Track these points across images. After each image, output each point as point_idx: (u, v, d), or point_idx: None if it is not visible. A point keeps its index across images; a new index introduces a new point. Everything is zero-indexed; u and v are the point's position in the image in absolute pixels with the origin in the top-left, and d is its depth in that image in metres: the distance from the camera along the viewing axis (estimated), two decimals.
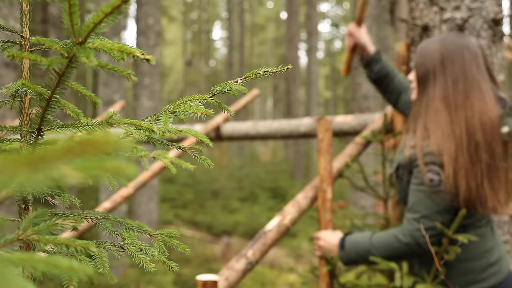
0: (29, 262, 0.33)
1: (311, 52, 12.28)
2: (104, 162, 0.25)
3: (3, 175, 0.24)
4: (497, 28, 1.59)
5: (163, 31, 18.07)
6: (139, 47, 0.62)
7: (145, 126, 0.59)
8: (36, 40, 0.50)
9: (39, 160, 0.24)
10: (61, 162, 0.24)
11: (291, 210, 1.54)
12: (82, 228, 1.80)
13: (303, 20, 15.55)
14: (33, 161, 0.24)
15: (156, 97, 5.33)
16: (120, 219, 0.71)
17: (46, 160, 0.24)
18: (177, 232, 0.69)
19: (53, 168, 0.24)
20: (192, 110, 0.60)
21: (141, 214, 5.27)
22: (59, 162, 0.24)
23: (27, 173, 0.24)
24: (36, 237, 0.47)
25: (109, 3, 0.43)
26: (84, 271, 0.34)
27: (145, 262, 0.63)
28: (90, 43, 0.48)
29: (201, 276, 1.12)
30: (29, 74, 0.63)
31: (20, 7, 0.63)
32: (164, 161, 0.70)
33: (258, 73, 0.62)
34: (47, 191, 0.66)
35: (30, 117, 0.63)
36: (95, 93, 0.61)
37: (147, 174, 2.18)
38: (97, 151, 0.25)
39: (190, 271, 4.95)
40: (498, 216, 1.53)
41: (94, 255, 0.60)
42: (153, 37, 5.35)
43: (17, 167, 0.24)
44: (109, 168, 0.25)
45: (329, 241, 1.41)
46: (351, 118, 2.21)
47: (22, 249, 0.55)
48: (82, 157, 0.25)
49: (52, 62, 0.47)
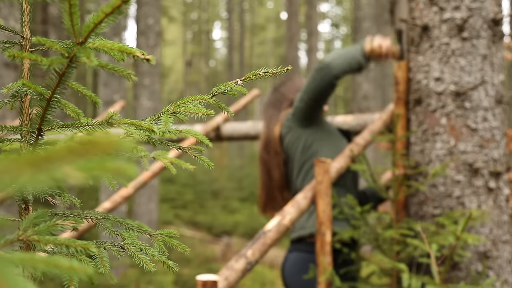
0: (29, 262, 0.33)
1: (311, 52, 12.28)
2: (106, 163, 0.25)
3: (6, 175, 0.24)
4: (497, 28, 1.59)
5: (163, 32, 18.06)
6: (139, 48, 0.62)
7: (146, 126, 0.59)
8: (37, 40, 0.50)
9: (42, 160, 0.24)
10: (63, 162, 0.25)
11: (290, 210, 1.54)
12: (82, 228, 1.80)
13: (303, 20, 15.55)
14: (36, 161, 0.24)
15: (156, 97, 5.33)
16: (120, 219, 0.71)
17: (49, 160, 0.24)
18: (177, 232, 0.69)
19: (56, 168, 0.24)
20: (193, 111, 0.60)
21: (141, 214, 5.27)
22: (61, 163, 0.24)
23: (30, 173, 0.24)
24: (37, 237, 0.47)
25: (109, 3, 0.43)
26: (85, 271, 0.34)
27: (145, 262, 0.63)
28: (91, 43, 0.49)
29: (201, 276, 1.12)
30: (29, 74, 0.63)
31: (20, 8, 0.63)
32: (164, 161, 0.70)
33: (258, 74, 0.62)
34: (48, 191, 0.67)
35: (30, 117, 0.63)
36: (95, 94, 0.61)
37: (147, 174, 2.18)
38: (99, 151, 0.25)
39: (190, 271, 4.95)
40: (498, 216, 1.54)
41: (94, 255, 0.61)
42: (153, 38, 5.35)
43: (20, 167, 0.24)
44: (111, 168, 0.25)
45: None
46: (351, 118, 2.21)
47: (23, 249, 0.55)
48: (84, 158, 0.25)
49: (52, 62, 0.48)
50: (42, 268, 0.34)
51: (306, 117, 1.72)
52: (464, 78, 1.57)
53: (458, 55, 1.58)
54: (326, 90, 1.65)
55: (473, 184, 1.54)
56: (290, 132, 1.77)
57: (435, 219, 1.55)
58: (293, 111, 1.75)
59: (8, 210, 3.07)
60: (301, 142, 1.74)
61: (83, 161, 0.25)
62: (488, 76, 1.57)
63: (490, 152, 1.55)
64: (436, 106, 1.61)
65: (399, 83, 1.73)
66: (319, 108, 1.71)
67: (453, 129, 1.57)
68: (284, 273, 1.72)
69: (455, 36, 1.58)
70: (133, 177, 1.99)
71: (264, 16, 23.85)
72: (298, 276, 1.65)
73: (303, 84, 1.90)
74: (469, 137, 1.56)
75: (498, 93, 1.59)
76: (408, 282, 1.32)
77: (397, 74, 1.73)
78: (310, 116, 1.72)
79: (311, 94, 1.66)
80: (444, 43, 1.60)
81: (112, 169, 0.25)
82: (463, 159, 1.55)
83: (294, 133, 1.75)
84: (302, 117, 1.72)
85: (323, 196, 1.53)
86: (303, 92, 1.69)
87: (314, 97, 1.66)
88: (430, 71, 1.62)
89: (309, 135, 1.74)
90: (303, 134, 1.74)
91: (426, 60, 1.64)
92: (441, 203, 1.58)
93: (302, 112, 1.71)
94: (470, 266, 1.52)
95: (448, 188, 1.57)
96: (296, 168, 1.77)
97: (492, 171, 1.54)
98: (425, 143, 1.63)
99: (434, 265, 1.28)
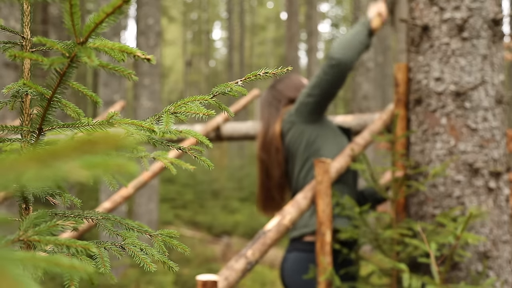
0: (30, 261, 0.33)
1: (311, 52, 12.28)
2: (108, 160, 0.25)
3: (11, 172, 0.24)
4: (497, 28, 1.59)
5: (163, 32, 18.05)
6: (139, 48, 0.62)
7: (146, 126, 0.59)
8: (38, 40, 0.50)
9: (46, 157, 0.25)
10: (67, 159, 0.25)
11: (290, 210, 1.53)
12: (83, 228, 1.80)
13: (303, 20, 15.54)
14: (40, 158, 0.24)
15: (156, 98, 5.33)
16: (121, 219, 0.71)
17: (53, 157, 0.25)
18: (177, 233, 0.69)
19: (60, 165, 0.25)
20: (193, 111, 0.60)
21: (141, 214, 5.27)
22: (65, 159, 0.25)
23: (35, 169, 0.24)
24: (37, 237, 0.48)
25: (110, 3, 0.43)
26: (85, 270, 0.34)
27: (145, 262, 0.63)
28: (91, 43, 0.49)
29: (201, 276, 1.12)
30: (29, 75, 0.63)
31: (21, 8, 0.63)
32: (164, 161, 0.70)
33: (258, 74, 0.62)
34: (48, 191, 0.67)
35: (31, 117, 0.63)
36: (96, 94, 0.61)
37: (147, 175, 2.18)
38: (100, 150, 0.26)
39: (190, 271, 4.95)
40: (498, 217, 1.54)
41: (94, 255, 0.61)
42: (153, 38, 5.35)
43: (25, 164, 0.24)
44: (113, 166, 0.25)
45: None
46: (351, 118, 2.21)
47: (23, 249, 0.56)
48: (87, 155, 0.25)
49: (53, 62, 0.48)
50: (43, 267, 0.34)
51: (314, 112, 1.72)
52: (464, 78, 1.57)
53: (458, 55, 1.58)
54: (340, 84, 1.66)
55: (473, 184, 1.54)
56: (292, 128, 1.76)
57: (435, 218, 1.55)
58: (297, 106, 1.74)
59: (8, 210, 3.07)
60: (305, 138, 1.74)
61: (86, 158, 0.25)
62: (488, 76, 1.57)
63: (490, 152, 1.55)
64: (436, 106, 1.61)
65: (399, 84, 1.73)
66: (329, 103, 1.72)
67: (453, 129, 1.57)
68: (283, 273, 1.71)
69: (455, 36, 1.58)
70: (135, 175, 1.99)
71: (264, 16, 23.84)
72: (297, 276, 1.64)
73: (300, 81, 1.90)
74: (469, 137, 1.56)
75: (498, 93, 1.59)
76: (409, 282, 1.32)
77: (397, 75, 1.73)
78: (319, 111, 1.72)
79: (323, 89, 1.66)
80: (444, 43, 1.60)
81: (115, 166, 0.25)
82: (463, 159, 1.55)
83: (297, 129, 1.75)
84: (309, 112, 1.72)
85: (323, 196, 1.53)
86: (312, 88, 1.68)
87: (327, 92, 1.67)
88: (430, 71, 1.62)
89: (312, 131, 1.74)
90: (307, 130, 1.74)
91: (426, 60, 1.64)
92: (441, 203, 1.58)
93: (310, 107, 1.71)
94: (470, 266, 1.52)
95: (448, 188, 1.57)
96: (299, 164, 1.77)
97: (492, 171, 1.54)
98: (425, 143, 1.63)
99: (434, 265, 1.28)
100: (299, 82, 1.90)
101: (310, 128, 1.74)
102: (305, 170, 1.75)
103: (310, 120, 1.74)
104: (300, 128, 1.74)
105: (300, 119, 1.74)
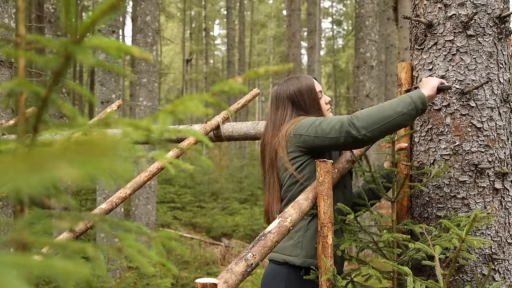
0: (24, 264, 0.32)
1: (312, 49, 12.26)
2: (102, 162, 0.25)
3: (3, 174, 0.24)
4: (503, 25, 1.56)
5: (161, 29, 18.01)
6: (137, 45, 0.59)
7: (144, 126, 0.57)
8: (33, 38, 0.48)
9: (39, 159, 0.24)
10: (60, 161, 0.25)
11: (291, 212, 1.50)
12: (80, 230, 1.77)
13: (304, 17, 15.52)
14: (33, 160, 0.24)
15: (154, 96, 5.29)
16: (118, 221, 0.69)
17: (45, 159, 0.24)
18: (176, 234, 0.66)
19: (52, 167, 0.24)
20: (192, 110, 0.58)
21: (138, 216, 5.23)
22: (58, 162, 0.25)
23: (27, 172, 0.24)
24: (32, 239, 0.46)
25: (106, 0, 0.41)
26: (81, 272, 0.32)
27: (143, 264, 0.61)
28: (88, 41, 0.47)
29: (200, 279, 1.09)
30: (24, 73, 0.61)
31: (15, 5, 0.60)
32: (162, 161, 0.67)
33: (258, 72, 0.59)
34: (44, 192, 0.64)
35: (26, 117, 0.61)
36: (92, 92, 0.59)
37: (145, 175, 2.14)
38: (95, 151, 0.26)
39: (189, 274, 4.91)
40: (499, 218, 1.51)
41: (91, 257, 0.58)
42: (151, 35, 5.31)
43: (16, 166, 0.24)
44: (107, 168, 0.25)
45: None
46: None
47: (18, 251, 0.54)
48: (81, 157, 0.25)
49: (49, 60, 0.46)
50: (37, 270, 0.33)
51: (314, 151, 1.58)
52: (469, 77, 1.54)
53: (463, 52, 1.54)
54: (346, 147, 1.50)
55: (479, 185, 1.51)
56: (291, 146, 1.60)
57: (439, 220, 1.52)
58: (301, 136, 1.55)
59: (1, 212, 3.04)
60: (297, 162, 1.59)
61: (79, 160, 0.25)
62: (493, 75, 1.54)
63: (496, 152, 1.52)
64: (441, 105, 1.57)
65: (403, 84, 1.69)
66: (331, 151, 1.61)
67: (458, 129, 1.54)
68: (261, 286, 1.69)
69: (460, 34, 1.55)
70: (130, 176, 1.95)
71: (265, 13, 23.82)
72: (270, 285, 1.62)
73: (313, 84, 1.68)
74: (475, 137, 1.52)
75: (504, 92, 1.56)
76: (412, 285, 1.29)
77: (400, 75, 1.70)
78: (320, 152, 1.59)
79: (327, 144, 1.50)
80: (449, 41, 1.56)
81: (108, 168, 0.25)
82: (468, 159, 1.52)
83: (294, 150, 1.59)
84: (309, 148, 1.56)
85: (325, 197, 1.50)
86: (321, 136, 1.49)
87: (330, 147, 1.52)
88: (434, 69, 1.59)
89: (307, 158, 1.59)
90: (302, 157, 1.59)
91: (430, 58, 1.60)
92: (445, 204, 1.55)
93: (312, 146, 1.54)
94: (476, 269, 1.49)
95: (452, 189, 1.54)
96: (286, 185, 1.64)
97: (498, 172, 1.51)
98: (430, 142, 1.60)
99: (439, 268, 1.25)
100: (312, 84, 1.68)
101: (307, 156, 1.58)
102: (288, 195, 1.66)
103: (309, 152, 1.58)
104: (297, 151, 1.58)
105: (299, 146, 1.57)
